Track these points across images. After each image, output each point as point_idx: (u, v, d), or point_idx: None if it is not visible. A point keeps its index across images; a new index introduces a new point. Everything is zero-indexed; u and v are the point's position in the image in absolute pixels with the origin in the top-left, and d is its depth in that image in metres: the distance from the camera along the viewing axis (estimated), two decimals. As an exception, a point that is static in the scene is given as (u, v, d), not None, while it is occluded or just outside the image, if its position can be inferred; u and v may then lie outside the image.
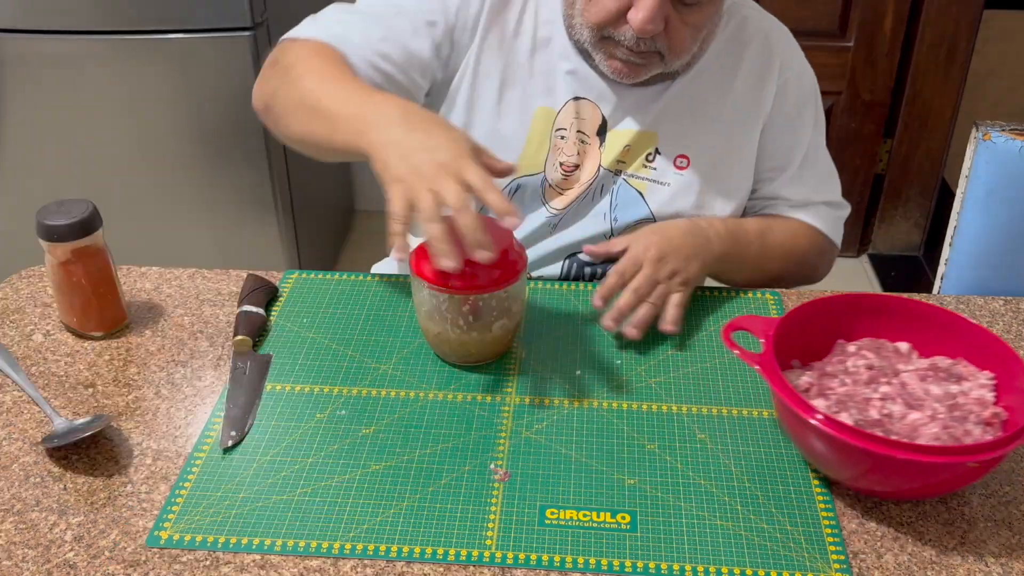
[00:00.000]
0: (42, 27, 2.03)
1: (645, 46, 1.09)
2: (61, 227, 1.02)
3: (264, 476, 0.90)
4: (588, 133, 1.20)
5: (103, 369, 1.05)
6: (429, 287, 0.96)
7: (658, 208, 1.22)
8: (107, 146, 2.16)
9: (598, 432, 0.96)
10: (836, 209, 1.31)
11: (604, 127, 1.20)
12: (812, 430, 0.83)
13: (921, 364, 0.95)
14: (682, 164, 1.21)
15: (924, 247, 2.88)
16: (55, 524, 0.85)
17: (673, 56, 1.12)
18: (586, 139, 1.20)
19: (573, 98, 1.19)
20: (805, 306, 0.96)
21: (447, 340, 1.00)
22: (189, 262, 1.29)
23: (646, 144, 1.21)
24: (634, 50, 1.09)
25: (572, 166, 1.21)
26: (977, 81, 2.68)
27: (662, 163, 1.21)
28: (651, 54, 1.11)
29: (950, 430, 0.86)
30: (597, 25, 1.09)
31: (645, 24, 1.04)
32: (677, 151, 1.21)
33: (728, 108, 1.21)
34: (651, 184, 1.21)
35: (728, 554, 0.83)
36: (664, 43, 1.09)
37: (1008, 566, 0.82)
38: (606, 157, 1.20)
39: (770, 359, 0.88)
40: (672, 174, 1.21)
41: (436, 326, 1.00)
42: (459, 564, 0.82)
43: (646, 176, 1.21)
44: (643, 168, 1.21)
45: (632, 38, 1.08)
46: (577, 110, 1.19)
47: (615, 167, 1.21)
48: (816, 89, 1.27)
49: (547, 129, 1.19)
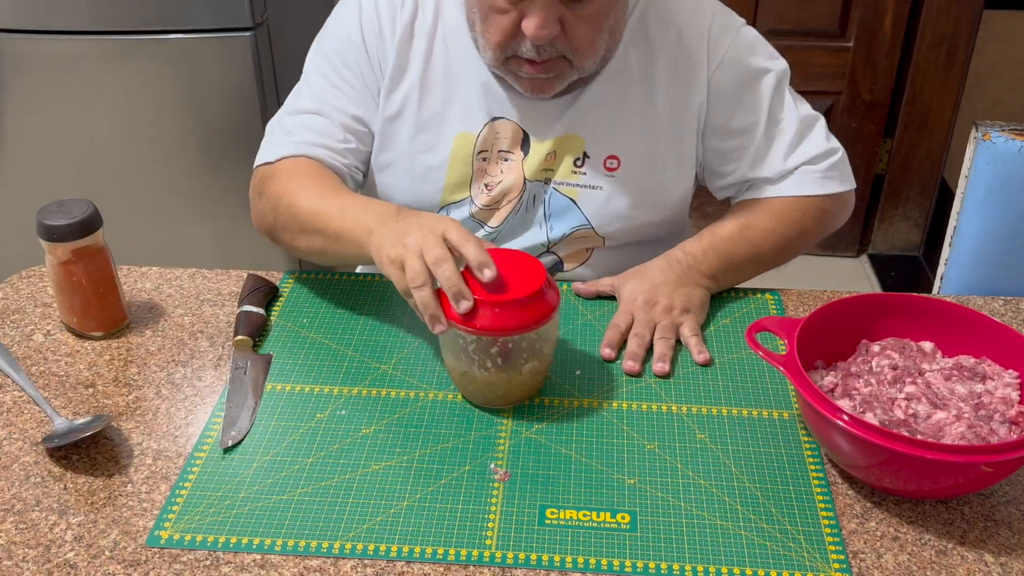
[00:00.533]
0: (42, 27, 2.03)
1: (547, 53, 1.07)
2: (61, 227, 1.02)
3: (264, 476, 0.90)
4: (510, 149, 1.19)
5: (103, 369, 1.05)
6: (455, 327, 0.92)
7: (594, 213, 1.21)
8: (107, 146, 2.16)
9: (598, 432, 0.96)
10: (821, 161, 1.21)
11: (526, 139, 1.19)
12: (838, 431, 0.83)
13: (946, 363, 0.95)
14: (612, 165, 1.19)
15: (924, 247, 2.88)
16: (55, 524, 0.85)
17: (580, 57, 1.09)
18: (509, 156, 1.20)
19: (491, 119, 1.19)
20: (827, 307, 0.96)
21: (473, 380, 0.96)
22: (189, 262, 1.29)
23: (573, 149, 1.19)
24: (538, 61, 1.08)
25: (496, 185, 1.21)
26: (977, 81, 2.68)
27: (592, 167, 1.19)
28: (557, 62, 1.09)
29: (975, 429, 0.86)
30: (499, 45, 1.08)
31: (539, 30, 1.03)
32: (606, 152, 1.19)
33: (655, 104, 1.18)
34: (583, 190, 1.20)
35: (728, 554, 0.83)
36: (566, 45, 1.07)
37: (1008, 566, 0.82)
38: (528, 168, 1.19)
39: (794, 360, 0.88)
40: (604, 177, 1.19)
41: (462, 366, 0.95)
42: (459, 564, 0.82)
43: (577, 182, 1.20)
44: (572, 174, 1.20)
45: (532, 48, 1.06)
46: (496, 130, 1.19)
47: (541, 176, 1.20)
48: (763, 61, 1.20)
49: (468, 154, 1.19)
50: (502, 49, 1.09)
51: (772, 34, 2.57)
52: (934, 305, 0.99)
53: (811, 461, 0.92)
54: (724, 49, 1.17)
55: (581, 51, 1.08)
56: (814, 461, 0.92)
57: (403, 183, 1.22)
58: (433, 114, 1.19)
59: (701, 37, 1.17)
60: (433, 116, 1.19)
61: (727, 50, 1.17)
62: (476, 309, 0.90)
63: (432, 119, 1.19)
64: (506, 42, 1.08)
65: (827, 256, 2.91)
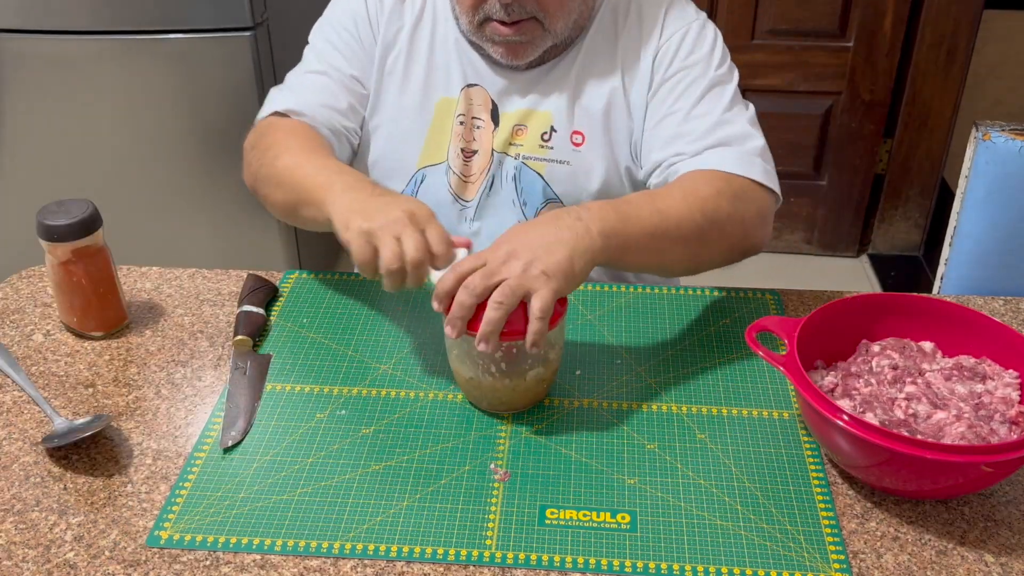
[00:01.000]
0: (42, 27, 2.03)
1: (517, 14, 1.11)
2: (61, 227, 1.02)
3: (264, 476, 0.90)
4: (481, 117, 1.23)
5: (103, 369, 1.05)
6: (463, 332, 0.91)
7: (563, 190, 1.22)
8: (107, 146, 2.16)
9: (598, 432, 0.96)
10: (740, 145, 1.12)
11: (496, 110, 1.22)
12: (838, 431, 0.83)
13: (946, 363, 0.95)
14: (578, 140, 1.21)
15: (924, 247, 2.88)
16: (55, 524, 0.85)
17: (551, 18, 1.12)
18: (480, 123, 1.23)
19: (466, 85, 1.22)
20: (827, 307, 0.96)
21: (478, 386, 0.96)
22: (189, 262, 1.29)
23: (540, 123, 1.22)
24: (508, 23, 1.11)
25: (471, 152, 1.23)
26: (977, 81, 2.68)
27: (559, 141, 1.21)
28: (529, 23, 1.12)
29: (976, 429, 0.86)
30: (471, 7, 1.13)
31: None
32: (571, 127, 1.21)
33: (617, 82, 1.20)
34: (551, 164, 1.22)
35: (728, 554, 0.83)
36: (535, 6, 1.10)
37: (1008, 566, 0.82)
38: (498, 139, 1.22)
39: (794, 360, 0.88)
40: (570, 151, 1.21)
41: (467, 371, 0.95)
42: (459, 564, 0.82)
43: (543, 157, 1.22)
44: (539, 148, 1.22)
45: (500, 9, 1.10)
46: (470, 96, 1.22)
47: (508, 149, 1.22)
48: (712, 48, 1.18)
49: (448, 118, 1.23)
50: (474, 11, 1.13)
51: (772, 34, 2.59)
52: (934, 305, 0.99)
53: (811, 461, 0.92)
54: (672, 35, 1.19)
55: (552, 11, 1.12)
56: (814, 461, 0.92)
57: (388, 145, 1.26)
58: (417, 77, 1.24)
59: (656, 19, 1.20)
60: (417, 79, 1.24)
61: (675, 34, 1.19)
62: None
63: (416, 82, 1.24)
64: (478, 4, 1.12)
65: (827, 256, 2.91)
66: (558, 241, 0.91)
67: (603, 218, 0.95)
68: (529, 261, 0.90)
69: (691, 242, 1.03)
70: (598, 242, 0.93)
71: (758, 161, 1.11)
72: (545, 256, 0.90)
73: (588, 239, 0.93)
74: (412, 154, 1.25)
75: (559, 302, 0.92)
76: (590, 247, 0.93)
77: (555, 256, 0.90)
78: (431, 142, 1.24)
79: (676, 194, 1.04)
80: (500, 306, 0.87)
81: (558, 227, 0.93)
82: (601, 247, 0.94)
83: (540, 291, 0.88)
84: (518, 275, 0.89)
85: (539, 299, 0.88)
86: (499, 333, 0.89)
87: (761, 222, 1.11)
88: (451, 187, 1.25)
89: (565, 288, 0.90)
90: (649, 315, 1.13)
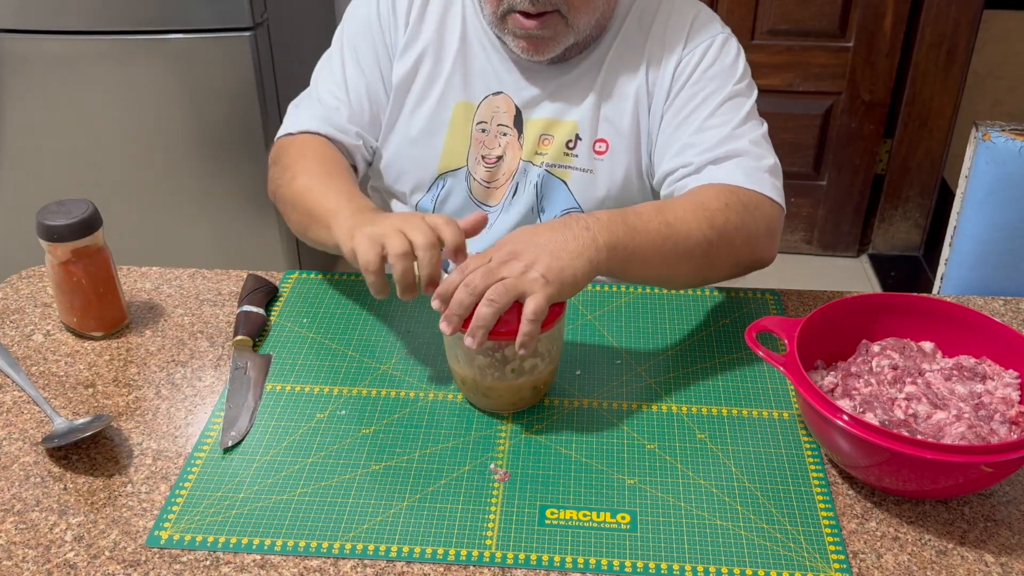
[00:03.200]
0: (42, 27, 2.03)
1: (542, 5, 1.10)
2: (61, 227, 1.02)
3: (264, 476, 0.90)
4: (508, 125, 1.22)
5: (103, 369, 1.05)
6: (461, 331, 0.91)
7: (584, 197, 1.22)
8: (107, 146, 2.16)
9: (598, 432, 0.96)
10: (751, 160, 1.12)
11: (519, 116, 1.22)
12: (838, 431, 0.83)
13: (946, 363, 0.95)
14: (601, 149, 1.21)
15: (924, 247, 2.88)
16: (55, 524, 0.85)
17: (575, 12, 1.11)
18: (507, 131, 1.22)
19: (492, 93, 1.22)
20: (827, 307, 0.96)
21: (477, 386, 0.96)
22: (189, 262, 1.29)
23: (565, 132, 1.21)
24: (533, 14, 1.11)
25: (494, 159, 1.23)
26: (977, 81, 2.68)
27: (583, 149, 1.21)
28: (552, 16, 1.11)
29: (976, 429, 0.86)
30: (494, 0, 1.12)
31: None
32: (595, 136, 1.21)
33: (640, 90, 1.20)
34: (575, 172, 1.22)
35: (728, 554, 0.83)
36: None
37: (1008, 566, 0.82)
38: (525, 149, 1.22)
39: (794, 360, 0.88)
40: (594, 160, 1.22)
41: (466, 371, 0.95)
42: (459, 564, 0.82)
43: (568, 164, 1.22)
44: (564, 156, 1.22)
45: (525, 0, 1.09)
46: (495, 104, 1.22)
47: (534, 158, 1.22)
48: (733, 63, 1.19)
49: (467, 123, 1.23)
50: (498, 3, 1.12)
51: (772, 34, 2.59)
52: (934, 305, 0.99)
53: (811, 461, 0.92)
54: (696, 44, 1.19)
55: (576, 5, 1.11)
56: (814, 461, 0.92)
57: (404, 147, 1.25)
58: (437, 80, 1.23)
59: (682, 30, 1.19)
60: (437, 82, 1.23)
61: (699, 47, 1.19)
62: None
63: (436, 85, 1.23)
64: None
65: (827, 256, 2.91)
66: (563, 247, 0.92)
67: (611, 230, 0.96)
68: (530, 263, 0.90)
69: (697, 256, 1.03)
70: (603, 254, 0.94)
71: (767, 177, 1.11)
72: (547, 260, 0.91)
73: (593, 249, 0.93)
74: (431, 157, 1.24)
75: (557, 304, 0.93)
76: (594, 258, 0.93)
77: (557, 261, 0.91)
78: (449, 146, 1.24)
79: (686, 206, 1.05)
80: (492, 303, 0.88)
81: (565, 234, 0.94)
82: (605, 259, 0.94)
83: (535, 294, 0.88)
84: (516, 275, 0.89)
85: (533, 302, 0.88)
86: (488, 330, 0.89)
87: (769, 237, 1.11)
88: (472, 193, 1.25)
89: (561, 294, 0.91)
90: (649, 315, 1.13)
